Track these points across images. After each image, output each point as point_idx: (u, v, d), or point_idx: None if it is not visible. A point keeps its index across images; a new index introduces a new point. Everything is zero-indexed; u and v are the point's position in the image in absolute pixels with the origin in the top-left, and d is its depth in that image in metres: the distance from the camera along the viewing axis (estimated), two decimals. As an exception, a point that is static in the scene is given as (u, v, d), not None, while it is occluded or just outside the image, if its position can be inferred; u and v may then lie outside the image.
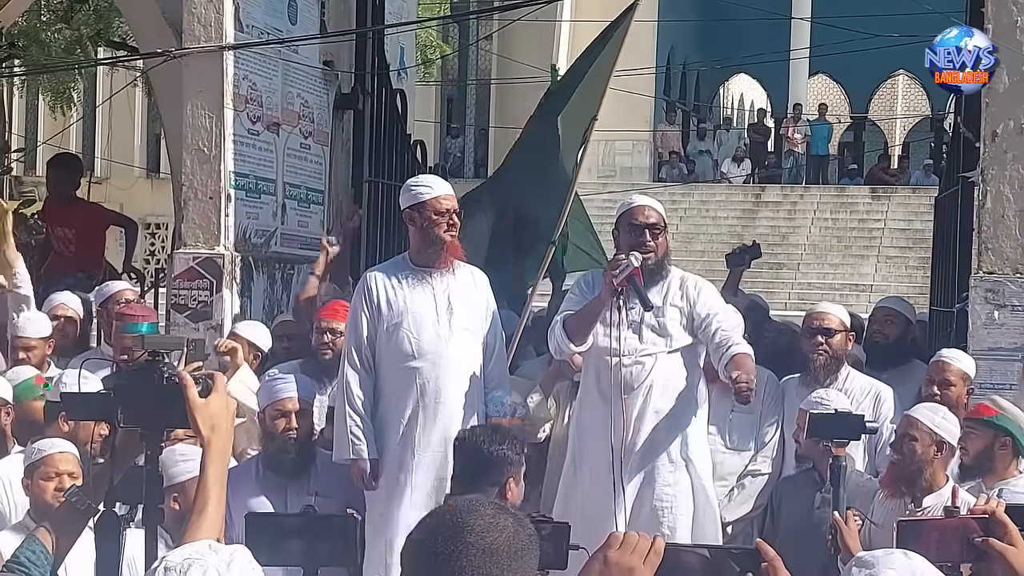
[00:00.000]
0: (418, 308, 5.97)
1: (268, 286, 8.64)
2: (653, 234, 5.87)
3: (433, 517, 2.52)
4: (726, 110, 38.43)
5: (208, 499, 3.06)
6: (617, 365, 5.78)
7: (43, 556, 3.23)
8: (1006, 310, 7.04)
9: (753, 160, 30.01)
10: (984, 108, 7.23)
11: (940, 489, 5.26)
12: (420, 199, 5.98)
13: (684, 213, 26.86)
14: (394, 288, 6.01)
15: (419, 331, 5.96)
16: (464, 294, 6.06)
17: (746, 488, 6.39)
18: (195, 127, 8.20)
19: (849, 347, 6.58)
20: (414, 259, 6.10)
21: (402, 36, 11.95)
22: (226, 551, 2.49)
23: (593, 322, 5.81)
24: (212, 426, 3.13)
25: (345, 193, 9.66)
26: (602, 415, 5.85)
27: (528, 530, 2.52)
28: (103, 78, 28.82)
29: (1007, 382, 6.78)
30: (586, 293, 5.98)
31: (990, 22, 7.17)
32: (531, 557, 2.49)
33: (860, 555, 2.83)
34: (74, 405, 3.59)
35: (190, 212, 8.23)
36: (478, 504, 2.51)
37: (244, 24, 8.41)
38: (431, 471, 5.93)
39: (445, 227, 5.96)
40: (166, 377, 3.18)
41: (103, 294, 7.90)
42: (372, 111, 9.82)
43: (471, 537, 2.43)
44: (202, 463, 3.12)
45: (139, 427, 3.23)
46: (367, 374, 6.01)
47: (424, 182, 6.13)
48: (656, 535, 2.64)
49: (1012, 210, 7.12)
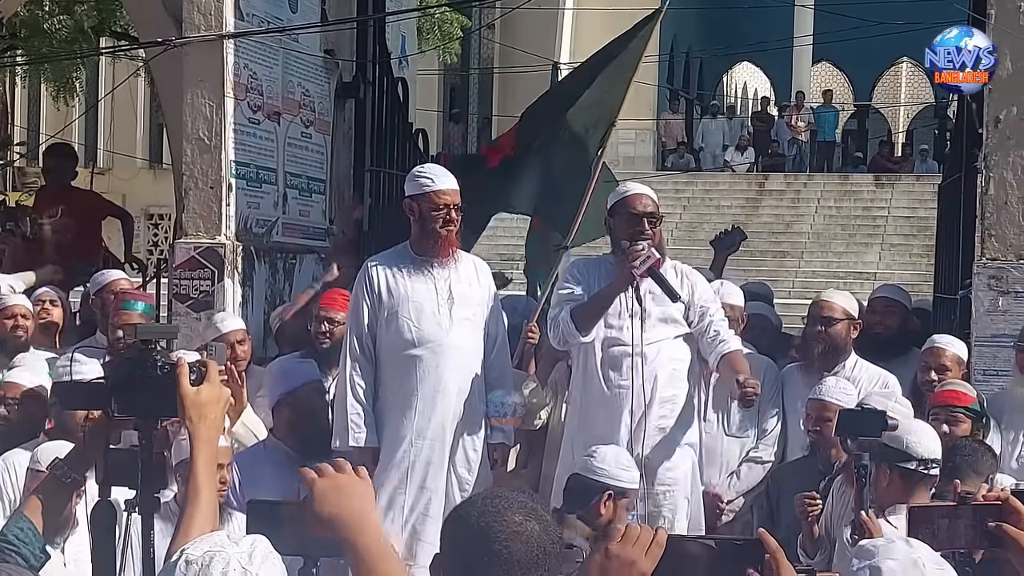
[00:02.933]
0: (418, 297, 5.97)
1: (270, 275, 8.63)
2: (651, 223, 5.85)
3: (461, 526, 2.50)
4: (729, 99, 38.38)
5: (200, 488, 3.03)
6: (631, 354, 5.77)
7: (31, 533, 3.21)
8: (1009, 296, 7.03)
9: (757, 148, 29.97)
10: (987, 95, 7.21)
11: None
12: (421, 190, 5.98)
13: (688, 202, 26.82)
14: (395, 277, 6.01)
15: (419, 319, 5.96)
16: (465, 284, 6.06)
17: (747, 474, 6.39)
18: (196, 116, 8.18)
19: (854, 335, 6.56)
20: (415, 248, 6.09)
21: (403, 24, 11.92)
22: (246, 542, 2.47)
23: (603, 312, 5.82)
24: (201, 415, 3.10)
25: (346, 182, 9.64)
26: (608, 403, 5.85)
27: (554, 535, 2.51)
28: (105, 68, 28.82)
29: (1010, 368, 6.77)
30: (581, 281, 5.96)
31: (993, 8, 7.16)
32: (555, 559, 2.49)
33: (861, 544, 2.82)
34: (67, 395, 3.57)
35: (191, 202, 8.21)
36: (506, 507, 2.49)
37: (244, 13, 8.39)
38: (430, 459, 5.93)
39: (442, 222, 5.95)
40: (159, 366, 3.16)
41: (98, 283, 7.90)
42: (373, 100, 9.79)
43: (496, 545, 2.42)
44: (191, 452, 3.10)
45: (133, 416, 3.21)
46: (368, 362, 6.01)
47: (428, 173, 6.10)
48: (658, 527, 2.62)
49: (1015, 196, 7.11)
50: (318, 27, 9.24)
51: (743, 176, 28.78)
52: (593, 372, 5.95)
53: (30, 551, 3.18)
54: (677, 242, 25.07)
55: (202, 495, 3.03)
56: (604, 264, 6.04)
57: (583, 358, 6.01)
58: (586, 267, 6.10)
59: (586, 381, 6.01)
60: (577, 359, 6.06)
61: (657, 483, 5.84)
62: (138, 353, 3.19)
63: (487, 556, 2.44)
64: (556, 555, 2.50)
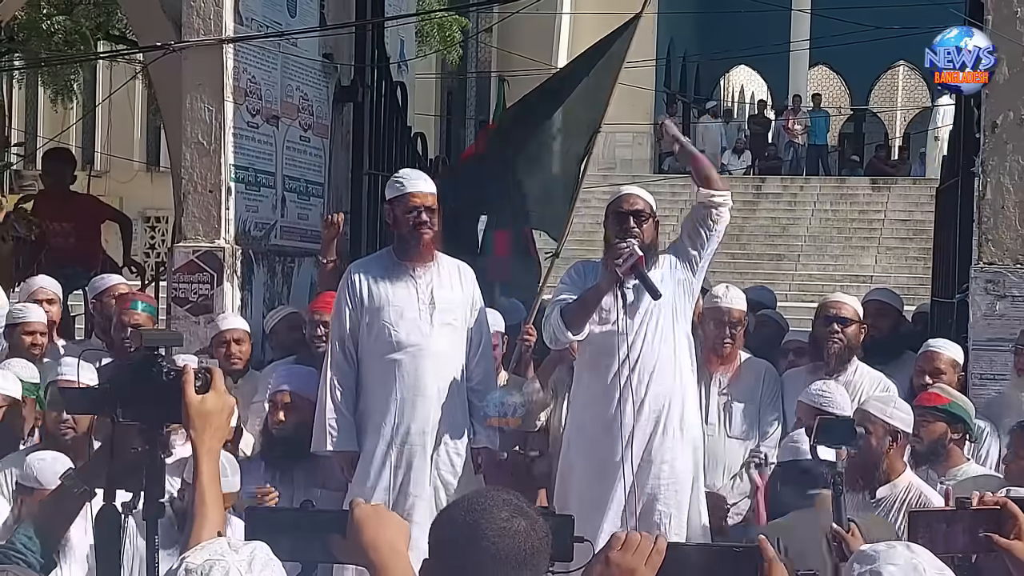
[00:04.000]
0: (399, 301, 6.00)
1: (268, 279, 8.64)
2: (638, 220, 5.86)
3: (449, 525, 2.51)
4: (726, 102, 38.40)
5: (207, 501, 3.00)
6: (622, 350, 5.77)
7: (38, 542, 3.21)
8: (1006, 300, 7.04)
9: (753, 151, 29.97)
10: (984, 99, 7.23)
11: (897, 478, 5.26)
12: (396, 193, 6.03)
13: (685, 205, 26.79)
14: (376, 281, 6.04)
15: (399, 324, 5.99)
16: (447, 289, 6.08)
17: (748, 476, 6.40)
18: (195, 120, 8.19)
19: (861, 339, 6.58)
20: (397, 253, 6.13)
21: (402, 29, 11.94)
22: (246, 550, 2.46)
23: (592, 310, 5.82)
24: (206, 424, 3.07)
25: (345, 186, 9.65)
26: (600, 399, 5.87)
27: (541, 530, 2.52)
28: (103, 71, 28.80)
29: (1008, 372, 6.79)
30: (577, 282, 5.98)
31: (990, 13, 7.17)
32: (543, 556, 2.50)
33: (862, 549, 2.83)
34: (73, 399, 3.57)
35: (190, 205, 8.22)
36: (492, 506, 2.50)
37: (243, 17, 8.40)
38: (411, 463, 5.95)
39: (413, 223, 5.98)
40: (164, 372, 3.15)
41: (97, 287, 7.91)
42: (372, 104, 9.81)
43: (485, 543, 2.44)
44: (195, 463, 3.07)
45: (138, 422, 3.20)
46: (349, 366, 6.04)
47: (402, 176, 6.15)
48: (658, 535, 2.63)
49: (1012, 201, 7.13)
50: (317, 31, 9.26)
51: (740, 179, 28.77)
52: (584, 369, 5.98)
53: (36, 559, 3.18)
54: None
55: (209, 507, 2.99)
56: (601, 266, 6.06)
57: (581, 355, 6.03)
58: (584, 269, 6.12)
59: (579, 378, 6.04)
60: (579, 357, 6.07)
61: (652, 476, 5.81)
62: (142, 359, 3.18)
63: (477, 554, 2.45)
64: (544, 551, 2.51)
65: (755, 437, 6.46)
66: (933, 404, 5.80)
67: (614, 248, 5.73)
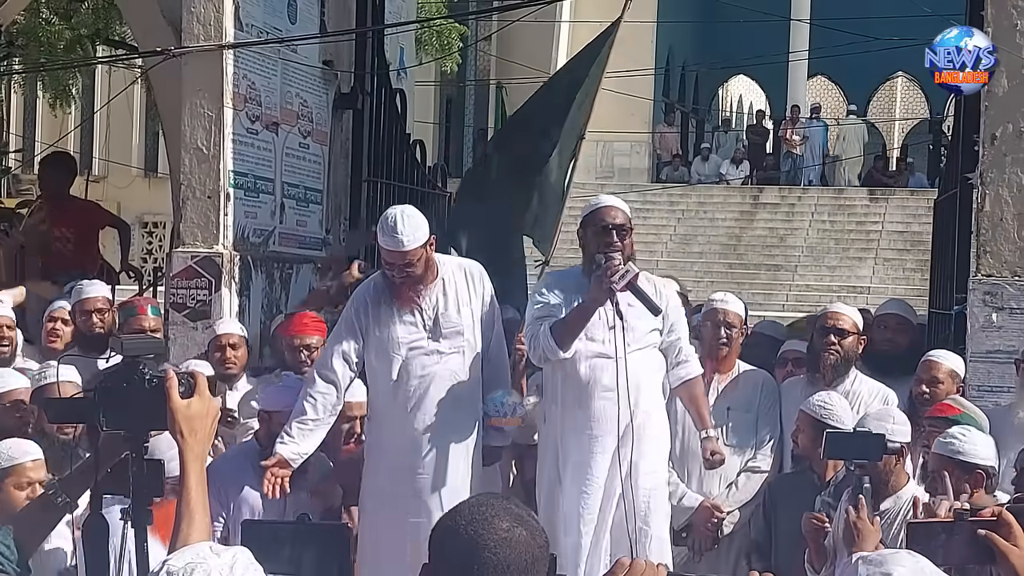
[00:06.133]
0: (406, 335, 5.93)
1: (267, 285, 8.64)
2: (620, 235, 5.84)
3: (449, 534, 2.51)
4: (725, 112, 38.44)
5: (193, 506, 3.00)
6: (614, 366, 5.76)
7: (16, 549, 3.19)
8: (1004, 312, 7.04)
9: (751, 161, 30.01)
10: (983, 111, 7.23)
11: (900, 490, 5.25)
12: (381, 242, 5.89)
13: (682, 215, 26.84)
14: (379, 310, 5.96)
15: (406, 354, 5.92)
16: (453, 310, 5.97)
17: (745, 484, 6.41)
18: (194, 126, 8.19)
19: (859, 350, 6.58)
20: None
21: (402, 36, 11.94)
22: (228, 554, 2.47)
23: (582, 327, 5.78)
24: (191, 429, 3.07)
25: (344, 193, 9.66)
26: (586, 416, 5.85)
27: (541, 539, 2.52)
28: (102, 77, 28.81)
29: (1006, 384, 6.78)
30: (556, 295, 5.93)
31: (989, 25, 7.17)
32: (543, 565, 2.50)
33: (866, 554, 2.83)
34: (56, 409, 3.54)
35: (189, 211, 8.22)
36: (493, 515, 2.50)
37: (244, 23, 8.41)
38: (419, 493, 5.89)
39: (394, 276, 5.89)
40: (147, 379, 3.13)
41: (76, 296, 7.82)
42: (371, 111, 9.81)
43: (486, 553, 2.44)
44: (181, 468, 3.06)
45: (122, 430, 3.17)
46: (335, 375, 5.95)
47: (388, 228, 5.82)
48: (661, 564, 2.62)
49: (1011, 213, 7.13)
50: (317, 38, 9.26)
51: (737, 189, 28.82)
52: (569, 385, 5.91)
53: (13, 568, 3.17)
54: (671, 254, 25.09)
55: (196, 513, 2.99)
56: (574, 275, 6.00)
57: (562, 372, 5.94)
58: (559, 279, 6.08)
59: (563, 394, 5.95)
60: (555, 375, 5.99)
61: (638, 487, 5.81)
62: (125, 366, 3.15)
63: (478, 564, 2.45)
64: (544, 560, 2.51)
65: (751, 447, 6.46)
66: (945, 415, 5.79)
67: (608, 266, 5.69)
